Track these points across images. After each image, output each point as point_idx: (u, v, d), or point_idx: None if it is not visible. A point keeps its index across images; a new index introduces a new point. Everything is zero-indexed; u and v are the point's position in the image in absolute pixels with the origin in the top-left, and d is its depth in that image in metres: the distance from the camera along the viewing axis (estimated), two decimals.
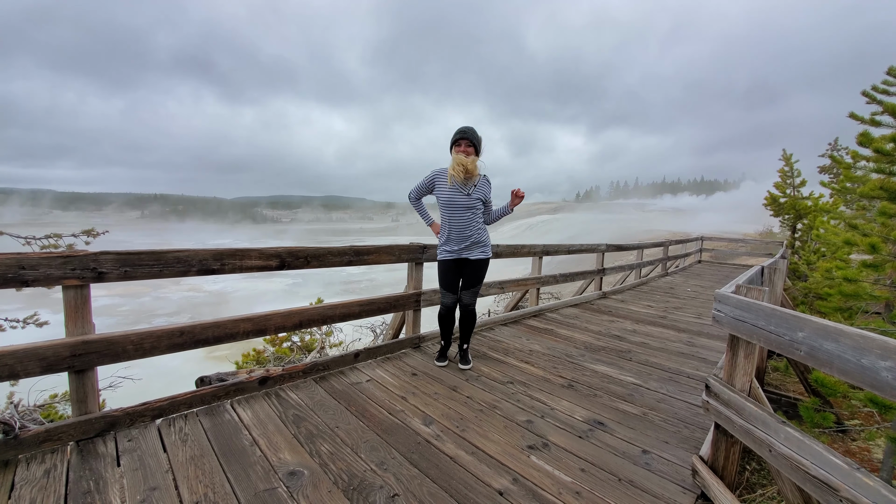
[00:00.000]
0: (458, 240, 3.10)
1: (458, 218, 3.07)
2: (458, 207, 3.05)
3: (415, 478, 1.87)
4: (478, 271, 3.20)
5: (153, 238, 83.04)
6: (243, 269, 2.53)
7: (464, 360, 3.32)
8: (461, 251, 3.12)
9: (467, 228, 3.08)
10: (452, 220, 3.08)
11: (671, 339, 4.46)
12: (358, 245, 3.15)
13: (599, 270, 7.02)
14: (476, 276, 3.20)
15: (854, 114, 5.51)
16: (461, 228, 3.08)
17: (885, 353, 1.08)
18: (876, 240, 4.30)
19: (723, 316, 1.77)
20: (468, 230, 3.09)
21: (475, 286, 3.23)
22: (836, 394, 3.52)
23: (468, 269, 3.18)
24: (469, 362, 3.31)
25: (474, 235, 3.11)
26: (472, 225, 3.10)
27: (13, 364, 1.82)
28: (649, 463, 2.07)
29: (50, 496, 1.63)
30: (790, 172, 13.10)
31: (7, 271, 1.83)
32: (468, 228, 3.09)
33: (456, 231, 3.09)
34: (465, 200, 3.04)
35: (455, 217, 3.07)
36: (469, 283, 3.20)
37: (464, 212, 3.06)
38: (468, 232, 3.09)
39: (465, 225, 3.08)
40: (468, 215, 3.08)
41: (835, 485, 1.22)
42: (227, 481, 1.78)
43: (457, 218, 3.07)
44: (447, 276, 3.19)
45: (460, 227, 3.08)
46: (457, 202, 3.04)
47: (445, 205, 3.09)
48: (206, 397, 2.40)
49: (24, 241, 4.47)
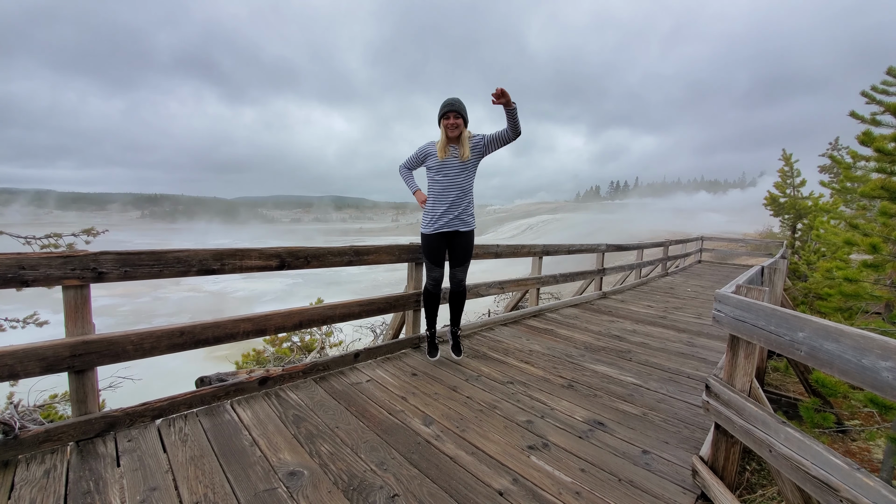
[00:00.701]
0: (450, 207, 3.01)
1: (452, 182, 2.99)
2: (452, 170, 2.98)
3: (415, 478, 1.87)
4: (469, 244, 3.13)
5: (153, 238, 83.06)
6: (243, 270, 2.53)
7: (457, 348, 3.27)
8: (452, 221, 3.04)
9: (460, 193, 3.01)
10: (445, 185, 3.00)
11: (671, 340, 4.45)
12: (358, 245, 3.15)
13: (599, 270, 7.02)
14: (467, 250, 3.13)
15: (855, 113, 5.51)
16: (454, 193, 3.00)
17: (885, 353, 1.08)
18: (876, 240, 4.29)
19: (723, 316, 1.77)
20: (461, 196, 3.01)
21: (467, 261, 3.16)
22: (837, 394, 3.52)
23: (459, 241, 3.09)
24: (461, 351, 3.28)
25: (465, 202, 3.04)
26: (465, 190, 3.03)
27: (13, 364, 1.82)
28: (649, 463, 2.07)
29: (50, 496, 1.63)
30: (790, 172, 13.10)
31: (7, 271, 1.83)
32: (461, 193, 3.01)
33: (448, 197, 3.01)
34: (457, 163, 2.98)
35: (448, 181, 3.00)
36: (461, 257, 3.13)
37: (457, 175, 2.98)
38: (461, 198, 3.01)
39: (459, 189, 3.01)
40: (461, 179, 3.00)
41: (835, 485, 1.22)
42: (226, 481, 1.78)
43: (450, 182, 2.99)
44: (437, 249, 3.10)
45: (453, 191, 3.00)
46: (449, 165, 2.98)
47: (438, 170, 3.01)
48: (205, 397, 2.40)
49: (24, 241, 4.47)
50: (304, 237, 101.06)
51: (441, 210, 3.04)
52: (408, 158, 3.22)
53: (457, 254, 3.13)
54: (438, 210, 3.05)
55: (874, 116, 5.34)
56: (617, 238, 39.22)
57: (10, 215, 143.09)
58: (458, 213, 3.04)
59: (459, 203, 3.03)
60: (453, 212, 3.03)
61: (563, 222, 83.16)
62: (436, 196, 3.06)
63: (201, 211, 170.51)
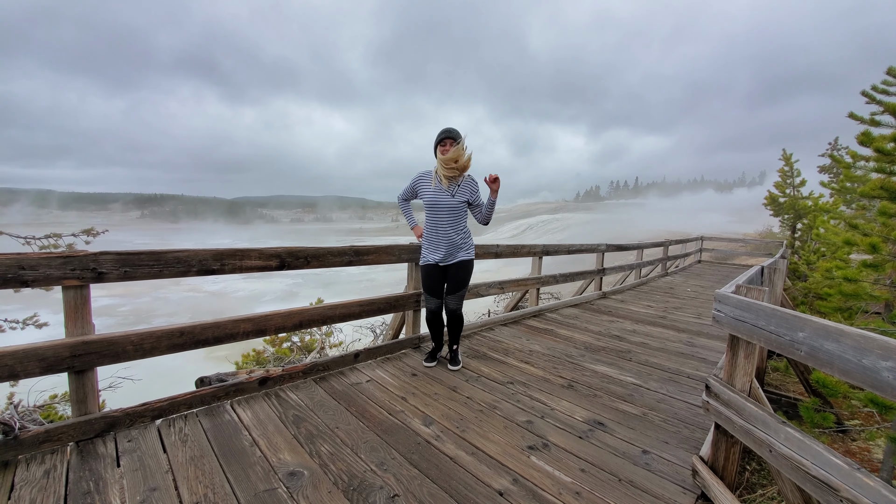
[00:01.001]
0: (443, 243, 3.06)
1: (443, 219, 3.04)
2: (443, 208, 3.02)
3: (415, 478, 1.87)
4: (462, 273, 3.13)
5: (153, 238, 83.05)
6: (243, 270, 2.53)
7: (453, 361, 3.29)
8: (445, 257, 3.08)
9: (452, 230, 3.05)
10: (438, 222, 3.06)
11: (671, 340, 4.45)
12: (358, 245, 3.15)
13: (599, 270, 7.02)
14: (461, 280, 3.13)
15: (854, 114, 5.52)
16: (446, 230, 3.04)
17: (885, 353, 1.08)
18: (876, 239, 4.29)
19: (723, 316, 1.77)
20: (453, 233, 3.05)
21: (460, 290, 3.15)
22: (837, 394, 3.52)
23: (452, 272, 3.12)
24: (459, 363, 3.28)
25: (459, 238, 3.08)
26: (458, 227, 3.07)
27: (13, 364, 1.82)
28: (649, 463, 2.07)
29: (50, 497, 1.63)
30: (790, 172, 13.10)
31: (7, 271, 1.82)
32: (453, 230, 3.05)
33: (441, 233, 3.05)
34: (449, 201, 3.01)
35: (440, 218, 3.04)
36: (454, 287, 3.13)
37: (448, 213, 3.03)
38: (453, 235, 3.05)
39: (450, 226, 3.05)
40: (453, 217, 3.04)
41: (835, 485, 1.22)
42: (226, 482, 1.78)
43: (442, 219, 3.04)
44: (431, 281, 3.14)
45: (445, 228, 3.04)
46: (441, 202, 3.02)
47: (430, 206, 3.07)
48: (205, 398, 2.40)
49: (23, 241, 4.47)
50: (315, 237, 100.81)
51: (436, 244, 3.08)
52: (404, 190, 3.26)
53: (450, 283, 3.14)
54: (433, 244, 3.09)
55: (873, 117, 5.34)
56: (617, 238, 39.22)
57: (11, 215, 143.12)
58: (452, 248, 3.07)
59: (454, 236, 3.06)
60: (447, 246, 3.06)
61: (563, 222, 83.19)
62: (431, 229, 3.10)
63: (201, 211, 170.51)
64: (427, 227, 3.14)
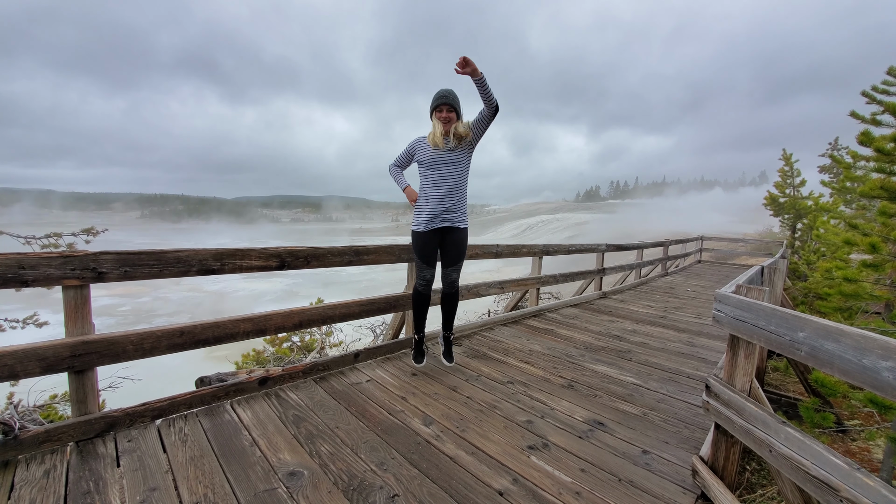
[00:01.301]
0: (443, 202, 2.87)
1: (445, 176, 2.86)
2: (444, 164, 2.85)
3: (415, 478, 1.87)
4: (462, 242, 2.99)
5: (153, 238, 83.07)
6: (243, 269, 2.53)
7: (448, 354, 3.13)
8: (444, 216, 2.90)
9: (454, 188, 2.88)
10: (437, 179, 2.87)
11: (671, 339, 4.45)
12: (358, 245, 3.15)
13: (599, 270, 7.02)
14: (460, 249, 3.00)
15: (855, 113, 5.51)
16: (447, 188, 2.87)
17: (886, 353, 1.08)
18: (876, 239, 4.29)
19: (723, 316, 1.77)
20: (454, 191, 2.88)
21: (460, 260, 3.01)
22: (837, 394, 3.52)
23: (452, 239, 2.95)
24: (453, 358, 3.13)
25: (457, 196, 2.90)
26: (458, 184, 2.90)
27: (13, 364, 1.82)
28: (649, 463, 2.07)
29: (49, 497, 1.63)
30: (790, 172, 13.10)
31: (7, 271, 1.83)
32: (455, 188, 2.88)
33: (441, 192, 2.86)
34: (451, 156, 2.84)
35: (441, 175, 2.86)
36: (454, 257, 2.99)
37: (450, 168, 2.85)
38: (453, 192, 2.87)
39: (452, 183, 2.87)
40: (455, 172, 2.87)
41: (835, 485, 1.22)
42: (226, 482, 1.78)
43: (443, 176, 2.86)
44: (429, 247, 2.96)
45: (446, 186, 2.87)
46: (442, 158, 2.85)
47: (430, 164, 2.87)
48: (205, 398, 2.40)
49: (23, 241, 4.47)
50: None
51: (432, 204, 2.90)
52: (398, 156, 3.10)
53: (449, 252, 2.99)
54: (430, 205, 2.91)
55: (874, 116, 5.33)
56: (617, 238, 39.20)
57: (11, 215, 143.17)
58: (450, 207, 2.90)
59: (451, 197, 2.90)
60: (445, 204, 2.89)
61: (563, 222, 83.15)
62: (427, 191, 2.92)
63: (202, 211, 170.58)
64: (424, 190, 2.95)
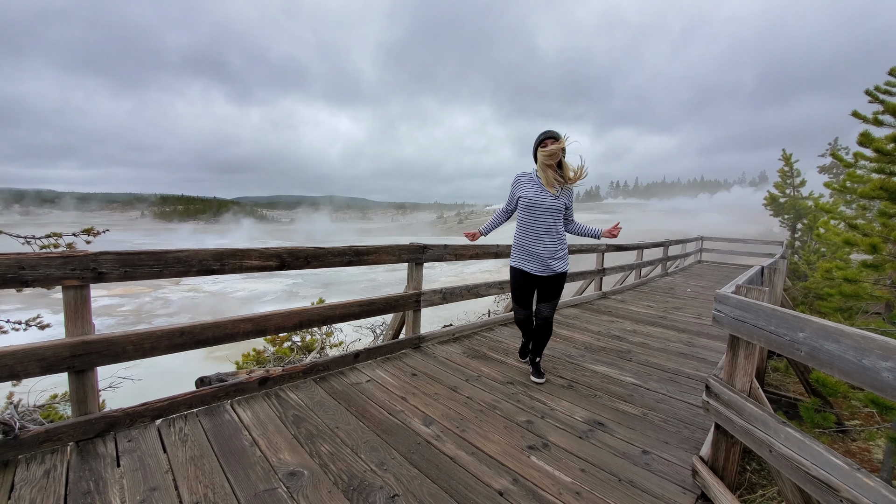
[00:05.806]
0: (540, 251, 2.81)
1: (542, 221, 2.80)
2: (544, 209, 2.78)
3: (415, 478, 1.87)
4: (558, 284, 2.94)
5: (153, 238, 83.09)
6: (243, 270, 2.53)
7: (537, 373, 3.07)
8: (542, 268, 2.84)
9: (551, 236, 2.81)
10: (535, 224, 2.81)
11: (671, 340, 4.45)
12: (358, 245, 3.15)
13: (599, 270, 7.02)
14: (556, 290, 2.94)
15: (857, 112, 5.50)
16: (544, 235, 2.81)
17: (886, 353, 1.08)
18: (876, 240, 4.29)
19: (723, 316, 1.77)
20: (552, 238, 2.82)
21: (555, 298, 2.96)
22: (837, 394, 3.53)
23: (549, 282, 2.91)
24: (542, 375, 3.06)
25: (557, 245, 2.84)
26: (557, 232, 2.85)
27: (13, 364, 1.82)
28: (649, 463, 2.07)
29: (50, 496, 1.63)
30: (790, 172, 13.10)
31: (7, 271, 1.82)
32: (552, 236, 2.82)
33: (538, 238, 2.81)
34: (552, 202, 2.77)
35: (539, 220, 2.80)
36: (549, 295, 2.95)
37: (549, 215, 2.79)
38: (551, 241, 2.81)
39: (549, 231, 2.81)
40: (552, 220, 2.80)
41: (835, 485, 1.22)
42: (226, 482, 1.78)
43: (540, 221, 2.80)
44: (521, 292, 2.95)
45: (544, 233, 2.81)
46: (542, 203, 2.78)
47: (529, 206, 2.81)
48: (205, 398, 2.40)
49: (23, 241, 4.47)
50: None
51: (528, 246, 2.86)
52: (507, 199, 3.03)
53: (544, 292, 2.96)
54: (524, 245, 2.88)
55: (876, 116, 5.33)
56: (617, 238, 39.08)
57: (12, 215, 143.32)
58: (549, 256, 2.83)
59: (549, 243, 2.82)
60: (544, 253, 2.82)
61: None
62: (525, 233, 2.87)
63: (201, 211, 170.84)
64: (521, 232, 2.89)
